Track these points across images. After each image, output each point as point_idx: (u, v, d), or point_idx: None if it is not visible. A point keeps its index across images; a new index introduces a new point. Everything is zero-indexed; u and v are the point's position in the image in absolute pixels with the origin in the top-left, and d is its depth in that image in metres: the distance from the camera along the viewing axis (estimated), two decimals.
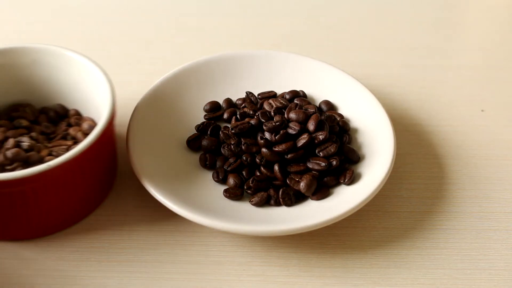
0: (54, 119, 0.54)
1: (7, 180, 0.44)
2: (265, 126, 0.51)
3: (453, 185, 0.53)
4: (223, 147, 0.52)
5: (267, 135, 0.51)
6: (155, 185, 0.48)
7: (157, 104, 0.55)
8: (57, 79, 0.54)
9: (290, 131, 0.51)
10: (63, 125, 0.53)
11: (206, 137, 0.53)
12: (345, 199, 0.48)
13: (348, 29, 0.72)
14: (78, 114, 0.54)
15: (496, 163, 0.55)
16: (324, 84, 0.58)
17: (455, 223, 0.50)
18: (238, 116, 0.55)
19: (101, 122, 0.47)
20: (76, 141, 0.51)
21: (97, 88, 0.51)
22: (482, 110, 0.61)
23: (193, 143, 0.53)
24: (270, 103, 0.55)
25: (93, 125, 0.52)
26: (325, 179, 0.50)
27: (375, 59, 0.67)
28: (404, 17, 0.74)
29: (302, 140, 0.50)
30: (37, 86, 0.54)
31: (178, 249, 0.48)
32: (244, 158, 0.50)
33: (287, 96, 0.57)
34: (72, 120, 0.53)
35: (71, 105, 0.55)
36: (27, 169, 0.44)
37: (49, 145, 0.51)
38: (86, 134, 0.51)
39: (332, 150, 0.50)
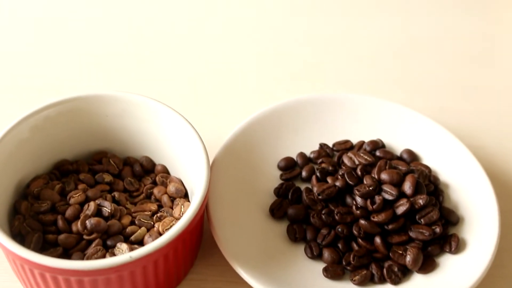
0: (139, 174, 0.50)
1: (82, 271, 0.39)
2: (358, 191, 0.46)
3: None
4: (313, 216, 0.47)
5: (359, 200, 0.46)
6: (245, 266, 0.43)
7: (230, 164, 0.50)
8: (145, 130, 0.50)
9: (387, 196, 0.46)
10: (147, 182, 0.50)
11: (291, 205, 0.48)
12: (456, 273, 0.44)
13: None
14: (165, 171, 0.50)
15: None
16: (402, 129, 0.54)
17: None
18: (318, 174, 0.50)
19: (192, 209, 0.42)
20: (160, 205, 0.48)
21: (187, 147, 0.47)
22: None
23: (277, 212, 0.48)
24: (351, 158, 0.50)
25: (179, 188, 0.48)
26: (429, 248, 0.46)
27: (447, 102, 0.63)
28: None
29: (402, 207, 0.46)
30: (124, 135, 0.50)
31: None
32: (339, 230, 0.46)
33: (367, 148, 0.52)
34: (158, 178, 0.49)
35: (157, 159, 0.51)
36: (105, 260, 0.39)
37: (132, 209, 0.47)
38: (171, 198, 0.48)
39: (435, 217, 0.46)
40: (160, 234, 0.44)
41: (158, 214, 0.46)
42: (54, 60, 0.66)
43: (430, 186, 0.48)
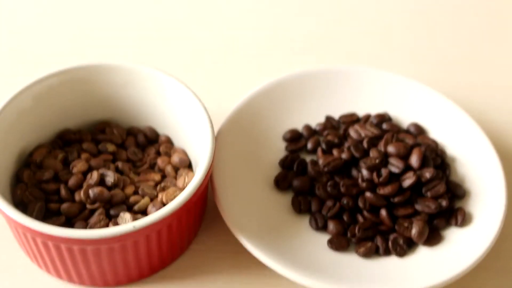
0: (142, 144, 0.49)
1: (85, 239, 0.39)
2: (364, 163, 0.46)
3: None
4: (318, 188, 0.47)
5: (365, 173, 0.46)
6: (249, 236, 0.43)
7: (235, 135, 0.49)
8: (149, 100, 0.49)
9: (393, 169, 0.46)
10: (151, 152, 0.49)
11: (296, 176, 0.48)
12: (462, 247, 0.44)
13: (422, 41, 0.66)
14: (168, 141, 0.49)
15: None
16: (409, 102, 0.53)
17: None
18: (323, 147, 0.49)
19: (196, 179, 0.41)
20: (164, 175, 0.47)
21: (192, 118, 0.46)
22: None
23: (282, 183, 0.48)
24: (357, 131, 0.50)
25: (183, 159, 0.47)
26: (434, 221, 0.45)
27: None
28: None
29: (408, 180, 0.45)
30: (128, 105, 0.50)
31: None
32: (345, 202, 0.45)
33: (374, 121, 0.51)
34: (162, 148, 0.48)
35: (161, 130, 0.50)
36: (109, 229, 0.39)
37: (135, 179, 0.46)
38: (175, 168, 0.47)
39: (441, 191, 0.45)
40: (164, 204, 0.44)
41: (162, 184, 0.46)
42: (58, 30, 0.66)
43: (437, 159, 0.48)
